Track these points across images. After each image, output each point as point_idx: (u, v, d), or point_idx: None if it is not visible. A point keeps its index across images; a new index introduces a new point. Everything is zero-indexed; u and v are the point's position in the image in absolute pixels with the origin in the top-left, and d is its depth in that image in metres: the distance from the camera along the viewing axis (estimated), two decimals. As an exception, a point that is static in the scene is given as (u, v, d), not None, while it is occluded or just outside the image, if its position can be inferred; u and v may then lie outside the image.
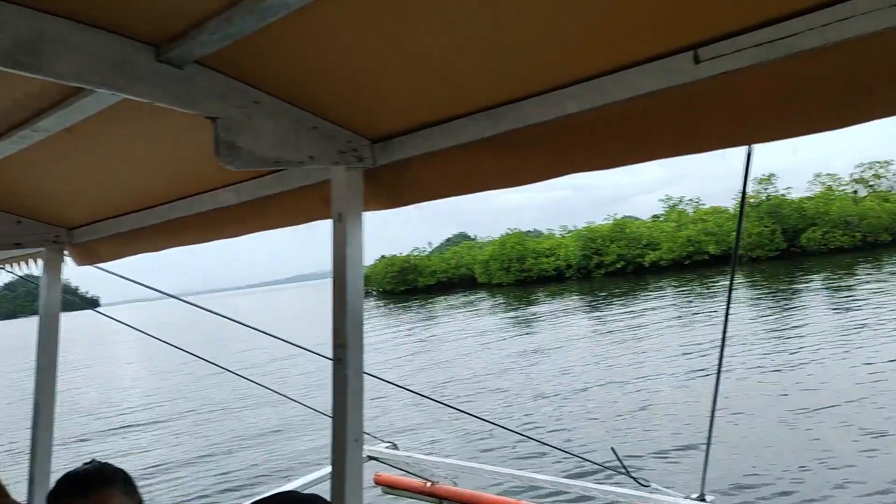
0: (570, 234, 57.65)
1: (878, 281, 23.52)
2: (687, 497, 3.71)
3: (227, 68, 1.50)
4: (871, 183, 50.43)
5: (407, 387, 4.35)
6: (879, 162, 50.43)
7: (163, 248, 2.80)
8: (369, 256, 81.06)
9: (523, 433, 5.38)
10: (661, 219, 55.59)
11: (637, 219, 55.48)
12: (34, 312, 3.15)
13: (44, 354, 2.97)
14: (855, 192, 49.30)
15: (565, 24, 1.21)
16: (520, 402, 12.22)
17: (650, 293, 29.90)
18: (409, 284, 62.52)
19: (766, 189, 47.73)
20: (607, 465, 4.94)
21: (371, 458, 4.86)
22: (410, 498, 4.98)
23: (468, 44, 1.34)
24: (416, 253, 67.66)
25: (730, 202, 51.04)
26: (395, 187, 1.94)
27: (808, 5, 1.02)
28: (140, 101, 1.36)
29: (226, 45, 1.29)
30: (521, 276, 53.40)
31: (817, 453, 7.69)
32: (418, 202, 1.91)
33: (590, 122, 1.41)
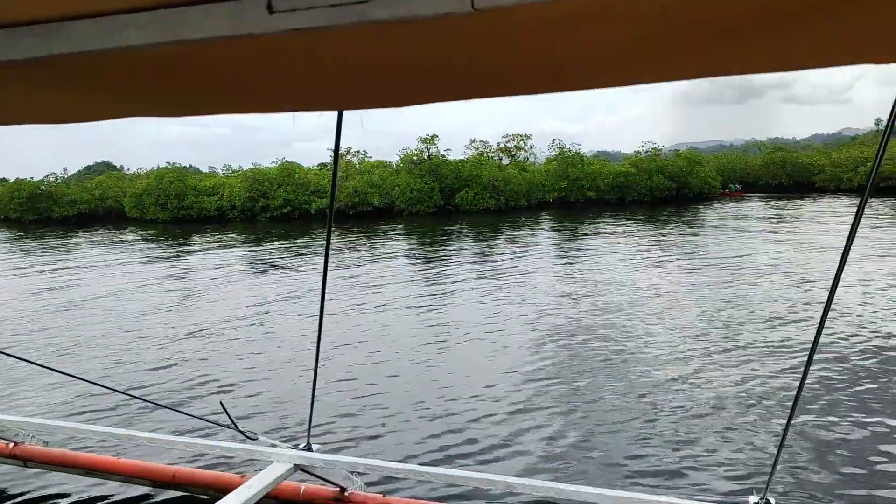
0: (235, 175, 54.41)
1: (514, 241, 25.92)
2: (295, 447, 4.22)
3: None
4: (512, 153, 56.52)
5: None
6: (521, 135, 56.66)
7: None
8: (-14, 177, 67.36)
9: (123, 391, 5.08)
10: (326, 168, 55.64)
11: (301, 166, 54.37)
12: None
13: None
14: (500, 159, 54.83)
15: None
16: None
17: (315, 240, 29.10)
18: (40, 214, 53.10)
19: (428, 149, 50.46)
20: (211, 419, 4.97)
21: None
22: None
23: None
24: (50, 179, 57.54)
25: (394, 157, 53.26)
26: None
27: None
28: None
29: None
30: (180, 213, 48.88)
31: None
32: None
33: (158, 59, 1.25)
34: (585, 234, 28.89)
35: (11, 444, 5.17)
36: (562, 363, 8.92)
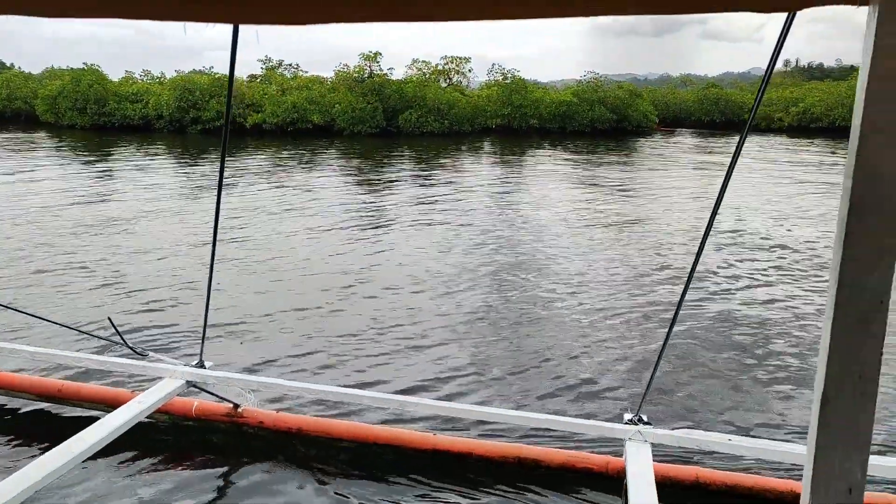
0: (164, 82, 50.96)
1: (456, 167, 25.55)
2: (187, 364, 4.25)
3: None
4: (450, 76, 55.18)
5: None
6: (460, 58, 55.24)
7: None
8: None
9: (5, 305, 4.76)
10: (257, 80, 52.90)
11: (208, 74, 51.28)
12: None
13: None
14: (439, 82, 53.46)
15: None
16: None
17: (250, 156, 27.79)
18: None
19: (370, 66, 48.54)
20: (99, 335, 4.97)
21: None
22: None
23: None
24: None
25: (330, 73, 51.05)
26: None
27: None
28: None
29: None
30: (100, 120, 45.61)
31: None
32: None
33: None
34: (526, 162, 29.21)
35: None
36: (473, 286, 9.43)
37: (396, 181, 21.67)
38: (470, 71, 55.93)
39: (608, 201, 18.04)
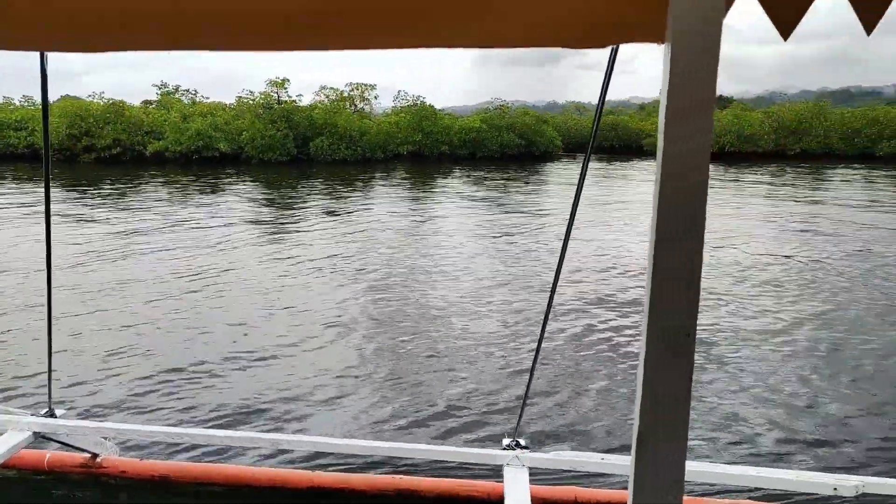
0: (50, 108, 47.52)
1: (369, 195, 25.25)
2: (34, 414, 4.07)
3: None
4: (356, 103, 54.85)
5: None
6: (366, 84, 55.07)
7: None
8: None
9: None
10: (152, 105, 50.62)
11: (126, 102, 48.80)
12: None
13: None
14: (348, 107, 52.97)
15: None
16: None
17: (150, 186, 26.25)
18: None
19: (277, 93, 47.35)
20: None
21: None
22: None
23: None
24: None
25: (229, 98, 49.54)
26: None
27: None
28: None
29: None
30: (-21, 150, 41.93)
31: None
32: None
33: None
34: (436, 189, 29.46)
35: None
36: (357, 316, 9.37)
37: (306, 208, 21.34)
38: (376, 98, 55.87)
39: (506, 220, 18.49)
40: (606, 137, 62.48)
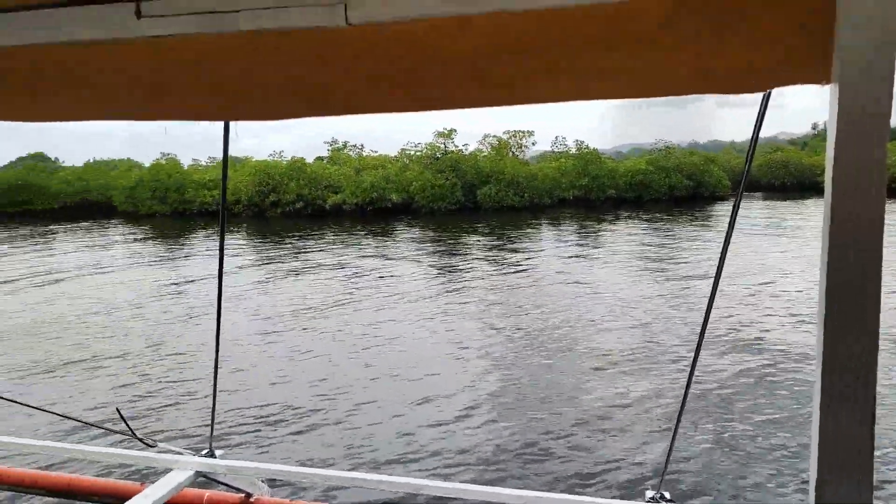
0: (238, 168, 51.67)
1: (531, 243, 24.64)
2: (196, 454, 4.06)
3: None
4: (513, 149, 55.25)
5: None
6: (525, 131, 55.45)
7: None
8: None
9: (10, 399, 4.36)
10: (324, 161, 53.45)
11: (304, 160, 51.89)
12: None
13: None
14: (514, 154, 53.42)
15: None
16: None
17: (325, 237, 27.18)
18: (20, 206, 49.14)
19: (445, 143, 48.67)
20: (109, 426, 4.95)
21: None
22: None
23: None
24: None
25: (392, 151, 51.54)
26: None
27: None
28: None
29: None
30: (180, 207, 45.89)
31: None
32: None
33: (27, 60, 1.26)
34: (604, 232, 28.71)
35: None
36: (501, 370, 9.02)
37: (473, 255, 21.00)
38: (534, 144, 56.13)
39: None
40: (777, 175, 59.06)
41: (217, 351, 3.78)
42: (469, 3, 0.98)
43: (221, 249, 3.16)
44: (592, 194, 47.44)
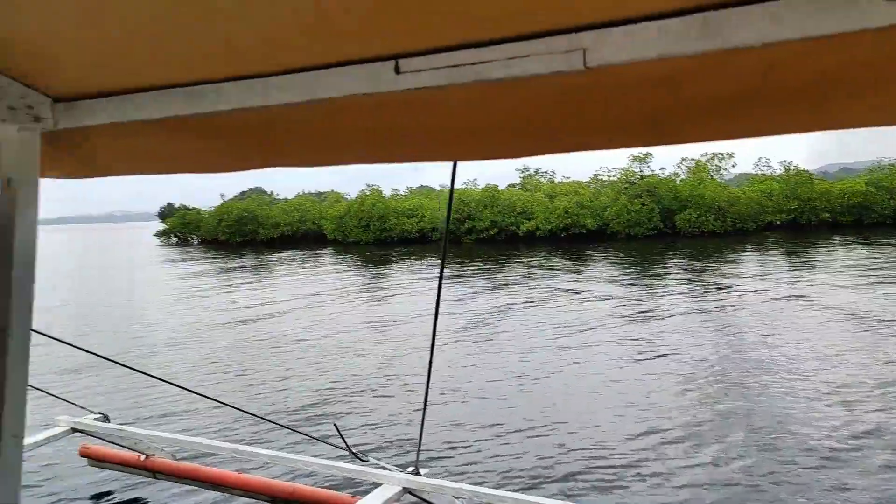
0: (431, 195, 54.35)
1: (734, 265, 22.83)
2: (405, 471, 4.66)
3: None
4: (712, 172, 52.69)
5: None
6: (724, 153, 52.81)
7: None
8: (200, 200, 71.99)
9: (242, 409, 5.18)
10: (516, 188, 54.40)
11: (497, 187, 53.27)
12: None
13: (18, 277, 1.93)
14: (712, 178, 51.06)
15: (270, 10, 1.16)
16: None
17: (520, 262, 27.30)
18: (246, 236, 55.22)
19: (641, 167, 47.87)
20: (328, 440, 5.27)
21: (76, 430, 5.46)
22: (122, 472, 5.80)
23: (169, 11, 1.21)
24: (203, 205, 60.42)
25: (585, 177, 51.16)
26: (79, 156, 1.77)
27: (492, 37, 1.11)
28: None
29: None
30: (382, 235, 49.05)
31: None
32: (105, 175, 1.81)
33: (294, 116, 1.42)
34: (822, 257, 26.18)
35: (143, 457, 5.61)
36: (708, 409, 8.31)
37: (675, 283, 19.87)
38: (734, 166, 53.35)
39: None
40: None
41: (429, 371, 4.03)
42: (709, 40, 0.98)
43: (441, 275, 3.42)
44: (803, 218, 44.13)
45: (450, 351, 11.91)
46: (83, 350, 4.26)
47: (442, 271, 3.46)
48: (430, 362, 4.11)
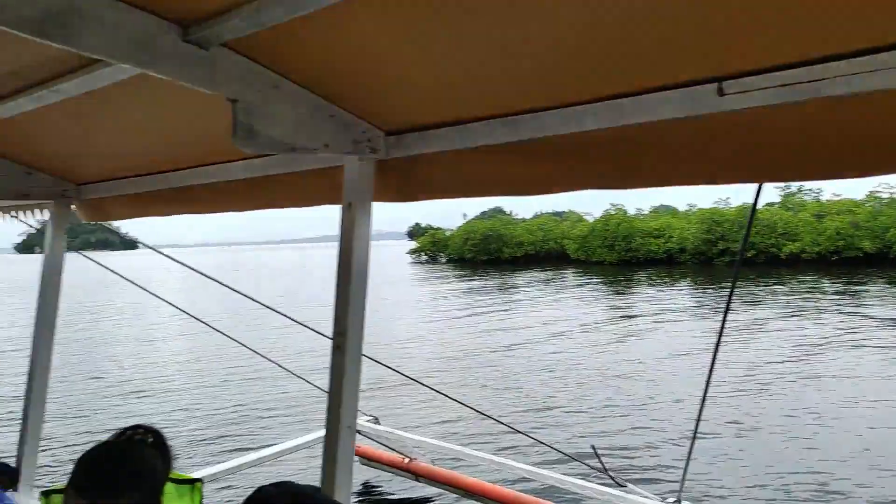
0: (681, 216, 52.32)
1: None
2: (664, 501, 4.37)
3: (250, 52, 1.49)
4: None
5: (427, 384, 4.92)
6: None
7: (169, 214, 2.78)
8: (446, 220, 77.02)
9: (505, 423, 5.51)
10: (775, 206, 50.12)
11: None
12: (72, 248, 3.29)
13: (44, 304, 2.96)
14: None
15: (590, 42, 1.22)
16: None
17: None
18: (491, 255, 57.61)
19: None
20: (586, 461, 5.13)
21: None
22: (387, 472, 6.04)
23: (492, 50, 1.33)
24: (445, 226, 63.28)
25: (856, 194, 45.49)
26: (406, 181, 1.95)
27: (835, 53, 1.07)
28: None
29: (253, 31, 1.28)
30: (626, 255, 48.23)
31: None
32: (428, 198, 1.92)
33: (608, 140, 1.45)
34: None
35: (408, 460, 5.75)
36: None
37: None
38: None
39: None
40: None
41: (703, 400, 3.68)
42: None
43: (730, 294, 3.30)
44: None
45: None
46: (390, 368, 4.44)
47: (730, 298, 3.23)
48: (705, 393, 3.74)
